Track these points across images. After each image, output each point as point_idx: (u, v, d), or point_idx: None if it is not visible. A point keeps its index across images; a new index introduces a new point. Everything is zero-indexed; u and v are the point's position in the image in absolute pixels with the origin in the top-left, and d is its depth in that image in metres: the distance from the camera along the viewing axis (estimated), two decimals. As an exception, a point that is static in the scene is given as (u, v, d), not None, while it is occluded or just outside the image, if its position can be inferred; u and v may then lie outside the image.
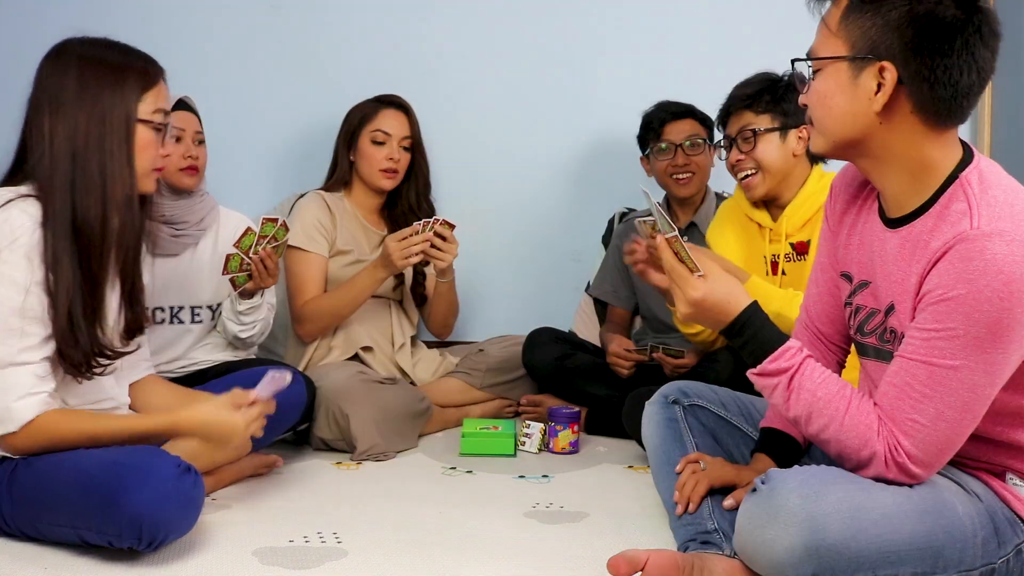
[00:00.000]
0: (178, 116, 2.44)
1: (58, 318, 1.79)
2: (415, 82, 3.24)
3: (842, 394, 1.50)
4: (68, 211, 1.79)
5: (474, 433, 2.62)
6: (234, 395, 1.92)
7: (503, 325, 3.29)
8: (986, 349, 1.39)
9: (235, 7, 3.34)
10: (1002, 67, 1.55)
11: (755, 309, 1.58)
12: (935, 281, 1.41)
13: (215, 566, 1.75)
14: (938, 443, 1.44)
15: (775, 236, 2.43)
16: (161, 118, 1.90)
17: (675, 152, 2.86)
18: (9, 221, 1.76)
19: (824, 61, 1.49)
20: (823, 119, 1.51)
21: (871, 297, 1.59)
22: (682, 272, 1.59)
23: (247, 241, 2.37)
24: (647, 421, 1.89)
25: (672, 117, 2.88)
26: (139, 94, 1.87)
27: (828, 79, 1.49)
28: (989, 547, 1.48)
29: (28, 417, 1.76)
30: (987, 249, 1.37)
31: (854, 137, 1.49)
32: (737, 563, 1.58)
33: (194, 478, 1.75)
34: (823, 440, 1.52)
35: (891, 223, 1.54)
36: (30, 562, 1.75)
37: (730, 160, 2.45)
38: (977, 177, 1.46)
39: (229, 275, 2.38)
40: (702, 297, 1.57)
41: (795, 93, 2.31)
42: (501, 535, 1.94)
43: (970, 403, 1.42)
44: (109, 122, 1.83)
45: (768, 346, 1.54)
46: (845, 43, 1.46)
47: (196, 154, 2.47)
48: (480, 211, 3.33)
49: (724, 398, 1.89)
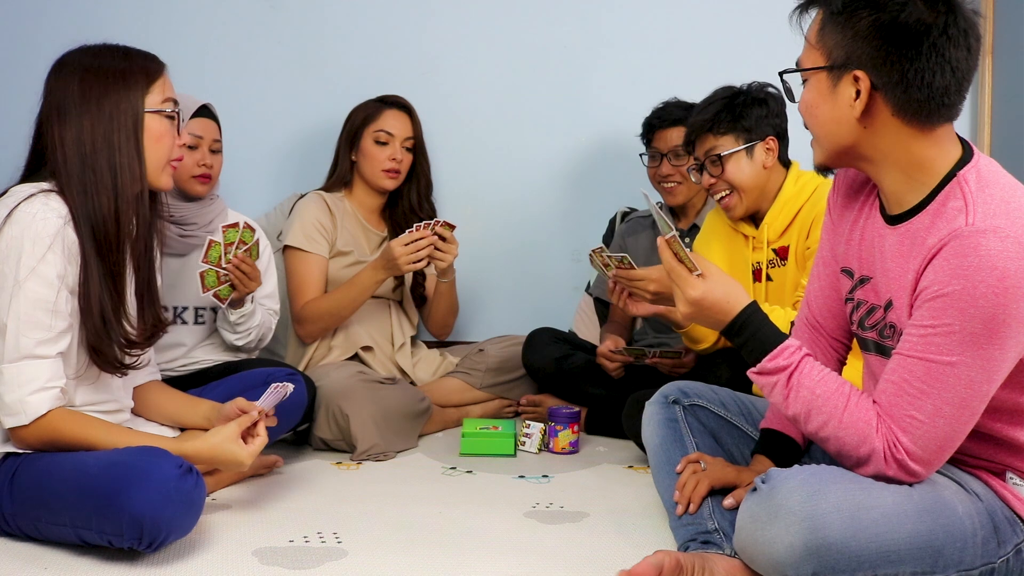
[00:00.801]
0: (198, 123, 2.44)
1: (92, 317, 1.82)
2: (415, 82, 3.24)
3: (840, 392, 1.51)
4: (85, 210, 1.81)
5: (474, 433, 2.62)
6: (241, 423, 1.92)
7: (503, 325, 3.29)
8: (982, 345, 1.39)
9: (235, 7, 3.34)
10: (1002, 67, 1.55)
11: (754, 309, 1.58)
12: (931, 277, 1.42)
13: (215, 566, 1.75)
14: (937, 440, 1.45)
15: (758, 244, 2.42)
16: (172, 107, 1.92)
17: (660, 161, 2.85)
18: (32, 214, 1.78)
19: (808, 72, 1.53)
20: (813, 128, 1.56)
21: (872, 292, 1.60)
22: (681, 272, 1.60)
23: (214, 254, 2.34)
24: (647, 421, 1.89)
25: (662, 124, 2.85)
26: (144, 88, 1.89)
27: (812, 90, 1.54)
28: (989, 546, 1.48)
29: (42, 411, 1.78)
30: (982, 245, 1.38)
31: (844, 143, 1.52)
32: (738, 563, 1.58)
33: (195, 479, 1.75)
34: (822, 438, 1.52)
35: (891, 220, 1.55)
36: (30, 562, 1.75)
37: (703, 183, 2.44)
38: (975, 175, 1.46)
39: (210, 291, 2.36)
40: (701, 296, 1.58)
41: (755, 106, 2.36)
42: (501, 535, 1.94)
43: (968, 399, 1.43)
44: (116, 119, 1.85)
45: (767, 345, 1.55)
46: (823, 54, 1.50)
47: (211, 163, 2.47)
48: (480, 211, 3.33)
49: (724, 398, 1.89)
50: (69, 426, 1.81)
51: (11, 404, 1.78)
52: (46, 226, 1.77)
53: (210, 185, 2.48)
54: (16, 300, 1.77)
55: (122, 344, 1.87)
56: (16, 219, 1.78)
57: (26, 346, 1.77)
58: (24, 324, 1.77)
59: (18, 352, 1.77)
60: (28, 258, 1.77)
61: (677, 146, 2.81)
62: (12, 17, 3.32)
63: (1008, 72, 3.13)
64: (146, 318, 1.97)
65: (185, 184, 2.43)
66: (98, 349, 1.85)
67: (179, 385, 2.28)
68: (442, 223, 2.65)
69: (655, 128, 2.86)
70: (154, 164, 1.91)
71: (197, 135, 2.44)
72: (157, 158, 1.91)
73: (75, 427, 1.82)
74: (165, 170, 1.93)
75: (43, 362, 1.78)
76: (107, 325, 1.84)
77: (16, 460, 1.82)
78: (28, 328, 1.77)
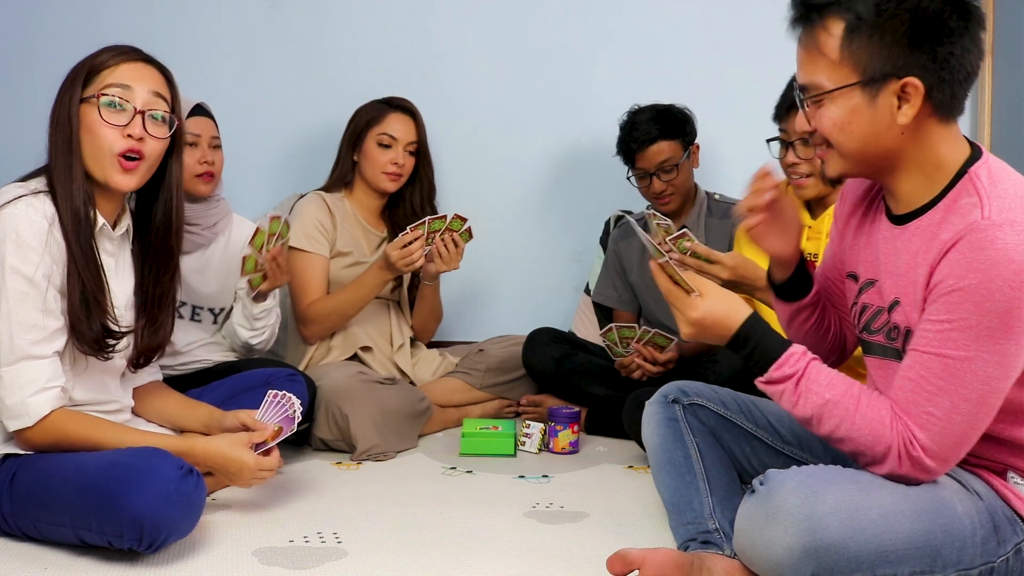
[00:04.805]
0: (193, 121, 2.43)
1: (72, 300, 1.80)
2: (415, 82, 3.24)
3: (850, 392, 1.50)
4: (64, 209, 1.81)
5: (474, 433, 2.62)
6: (252, 436, 1.96)
7: (503, 325, 3.29)
8: (998, 340, 1.39)
9: (235, 7, 3.34)
10: (1002, 67, 1.56)
11: (755, 320, 1.58)
12: (945, 271, 1.41)
13: (215, 566, 1.75)
14: (953, 436, 1.44)
15: (814, 234, 2.37)
16: (118, 92, 1.83)
17: (650, 180, 2.84)
18: (15, 215, 1.77)
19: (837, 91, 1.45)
20: (843, 143, 1.49)
21: (877, 295, 1.60)
22: (679, 295, 1.60)
23: (259, 240, 2.37)
24: (647, 420, 1.89)
25: (640, 147, 2.81)
26: (84, 79, 1.83)
27: (840, 107, 1.46)
28: (988, 546, 1.48)
29: (44, 411, 1.78)
30: (998, 239, 1.37)
31: (878, 153, 1.48)
32: (737, 563, 1.58)
33: (196, 480, 1.75)
34: (836, 439, 1.52)
35: (898, 220, 1.55)
36: (30, 562, 1.75)
37: (786, 160, 2.37)
38: (986, 171, 1.46)
39: (246, 276, 2.39)
40: (701, 316, 1.58)
41: None
42: (501, 535, 1.95)
43: (984, 395, 1.42)
44: (59, 120, 1.83)
45: (772, 353, 1.55)
46: (853, 70, 1.44)
47: (212, 159, 2.46)
48: (480, 211, 3.32)
49: (724, 397, 1.89)
50: (75, 427, 1.81)
51: (13, 407, 1.78)
52: (30, 227, 1.77)
53: (213, 183, 2.48)
54: (5, 303, 1.76)
55: (100, 330, 1.84)
56: (0, 221, 1.77)
57: (21, 347, 1.77)
58: (16, 326, 1.76)
59: (14, 354, 1.77)
60: (12, 259, 1.76)
61: (663, 161, 2.80)
62: (12, 17, 3.32)
63: (1008, 72, 3.13)
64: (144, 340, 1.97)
65: (189, 184, 2.42)
66: (76, 328, 1.82)
67: (180, 384, 2.27)
68: (466, 226, 2.65)
69: (634, 152, 2.83)
70: (94, 157, 1.83)
71: (195, 133, 2.43)
72: (95, 150, 1.82)
73: (80, 427, 1.82)
74: (112, 165, 1.82)
75: (41, 362, 1.78)
76: (87, 305, 1.81)
77: (16, 461, 1.83)
78: (21, 329, 1.77)
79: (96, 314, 1.83)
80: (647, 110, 2.85)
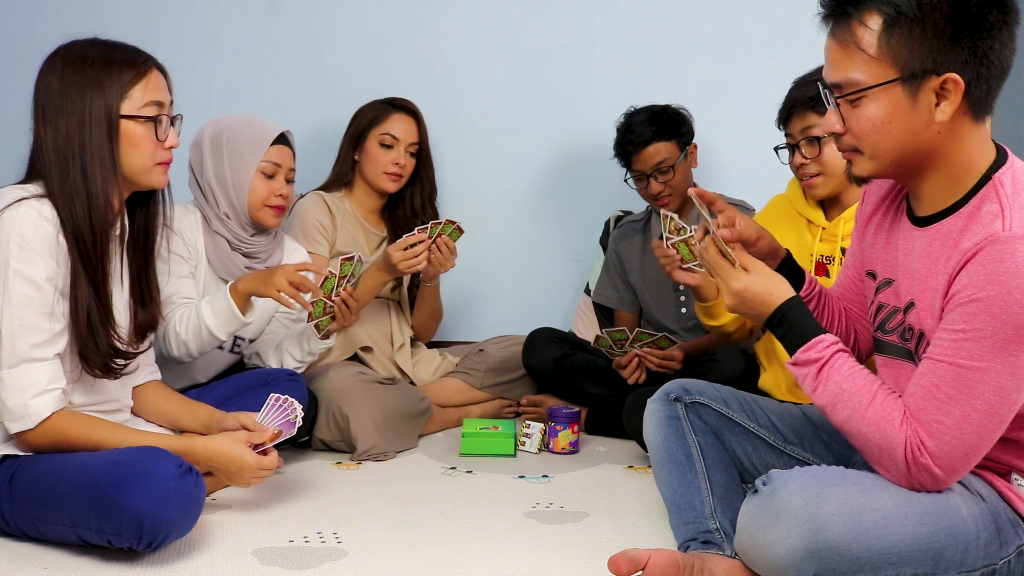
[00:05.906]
0: (276, 151, 2.42)
1: (79, 323, 1.80)
2: (415, 82, 3.24)
3: (868, 389, 1.50)
4: (68, 216, 1.80)
5: (474, 433, 2.62)
6: (252, 437, 1.96)
7: (503, 325, 3.29)
8: (1013, 352, 1.38)
9: (235, 7, 3.34)
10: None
11: (795, 302, 1.60)
12: (964, 282, 1.40)
13: (215, 566, 1.75)
14: (963, 446, 1.43)
15: (828, 236, 2.33)
16: (154, 110, 1.86)
17: (647, 182, 2.83)
18: (19, 218, 1.76)
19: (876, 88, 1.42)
20: (879, 144, 1.45)
21: (893, 295, 1.60)
22: (724, 265, 1.64)
23: (328, 285, 2.31)
24: (648, 419, 1.88)
25: (636, 149, 2.81)
26: (122, 90, 1.83)
27: (881, 105, 1.43)
28: (991, 548, 1.48)
29: (46, 413, 1.78)
30: (1018, 251, 1.36)
31: (913, 153, 1.46)
32: (738, 563, 1.58)
33: (195, 479, 1.75)
34: (846, 432, 1.52)
35: (919, 221, 1.54)
36: (30, 562, 1.75)
37: (794, 162, 2.35)
38: (1011, 179, 1.45)
39: (313, 321, 2.35)
40: (743, 287, 1.61)
41: None
42: (501, 535, 1.94)
43: (996, 406, 1.41)
44: (88, 123, 1.81)
45: (804, 337, 1.57)
46: (892, 65, 1.40)
47: (287, 193, 2.44)
48: (480, 211, 3.33)
49: (727, 396, 1.89)
50: (75, 427, 1.81)
51: (14, 409, 1.78)
52: (36, 231, 1.76)
53: (282, 217, 2.46)
54: (7, 305, 1.76)
55: (108, 352, 1.85)
56: (3, 224, 1.76)
57: (22, 350, 1.76)
58: (18, 329, 1.76)
59: (15, 357, 1.76)
60: (16, 262, 1.75)
61: (659, 162, 2.79)
62: (11, 17, 3.32)
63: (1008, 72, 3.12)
64: (139, 318, 1.96)
65: (258, 213, 2.40)
66: (85, 355, 1.83)
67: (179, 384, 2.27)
68: (455, 225, 2.63)
69: (631, 154, 2.83)
70: (132, 170, 1.86)
71: (275, 163, 2.41)
72: (135, 164, 1.86)
73: (80, 428, 1.82)
74: (151, 171, 1.88)
75: (41, 365, 1.78)
76: (93, 332, 1.82)
77: (15, 461, 1.82)
78: (22, 332, 1.76)
79: (103, 336, 1.83)
80: (643, 111, 2.85)
